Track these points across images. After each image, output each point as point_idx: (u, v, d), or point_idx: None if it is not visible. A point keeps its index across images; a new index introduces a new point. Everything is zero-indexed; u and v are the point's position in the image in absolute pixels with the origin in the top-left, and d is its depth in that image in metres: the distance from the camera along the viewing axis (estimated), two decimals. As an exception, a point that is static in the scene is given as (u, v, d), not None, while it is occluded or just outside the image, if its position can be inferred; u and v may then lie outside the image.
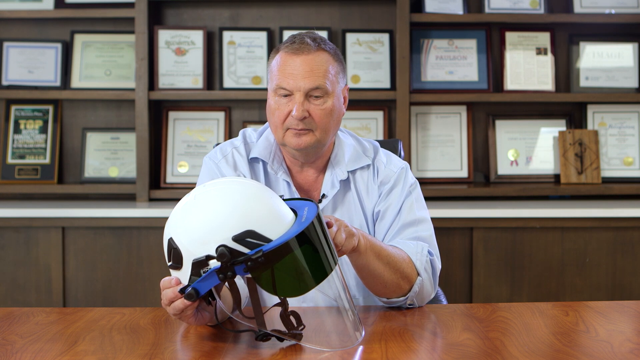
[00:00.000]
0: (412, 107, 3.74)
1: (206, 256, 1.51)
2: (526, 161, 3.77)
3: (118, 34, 3.79)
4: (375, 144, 2.15)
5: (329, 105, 1.97)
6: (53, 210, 3.39)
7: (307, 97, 1.95)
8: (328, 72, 1.97)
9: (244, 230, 1.50)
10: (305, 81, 1.94)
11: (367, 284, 1.92)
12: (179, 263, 1.56)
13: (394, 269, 1.88)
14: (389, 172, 2.09)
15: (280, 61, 1.98)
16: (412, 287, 1.91)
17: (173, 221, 1.59)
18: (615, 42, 3.79)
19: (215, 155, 2.09)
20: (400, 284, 1.90)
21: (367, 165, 2.09)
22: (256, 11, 3.80)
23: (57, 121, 3.76)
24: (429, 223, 2.06)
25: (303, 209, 1.60)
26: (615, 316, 1.83)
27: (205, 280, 1.52)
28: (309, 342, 1.60)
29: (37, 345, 1.63)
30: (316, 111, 1.96)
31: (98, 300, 3.38)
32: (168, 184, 3.71)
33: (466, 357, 1.54)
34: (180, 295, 1.58)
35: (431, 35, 3.77)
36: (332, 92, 1.98)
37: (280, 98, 1.97)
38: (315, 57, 1.96)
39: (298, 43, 1.97)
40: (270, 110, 2.00)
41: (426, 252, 1.97)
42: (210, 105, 3.79)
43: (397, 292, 1.91)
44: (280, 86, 1.96)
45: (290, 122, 1.96)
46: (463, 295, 3.37)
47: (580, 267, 3.36)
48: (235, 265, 1.49)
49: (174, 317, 1.65)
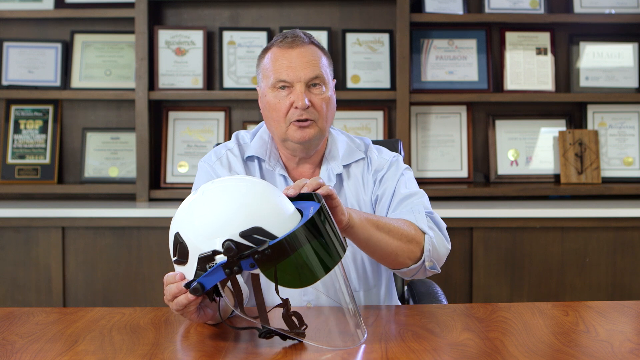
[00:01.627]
0: (412, 107, 3.74)
1: (213, 251, 1.52)
2: (526, 161, 3.77)
3: (118, 34, 3.79)
4: (366, 140, 2.18)
5: (328, 95, 2.02)
6: (53, 210, 3.39)
7: (307, 87, 1.98)
8: (322, 64, 2.01)
9: (251, 227, 1.50)
10: (305, 71, 1.97)
11: (379, 259, 1.91)
12: (185, 258, 1.57)
13: (398, 235, 1.87)
14: (381, 160, 2.12)
15: (274, 56, 2.00)
16: (423, 248, 1.91)
17: (180, 216, 1.60)
18: (615, 42, 3.79)
19: (210, 158, 2.11)
20: (410, 248, 1.89)
21: (362, 158, 2.12)
22: (256, 11, 3.80)
23: (57, 121, 3.76)
24: (423, 193, 2.07)
25: (309, 208, 1.60)
26: (615, 316, 1.83)
27: (211, 274, 1.53)
28: (313, 340, 1.60)
29: (37, 345, 1.63)
30: (317, 100, 1.99)
31: (98, 300, 3.38)
32: (168, 184, 3.72)
33: (466, 357, 1.54)
34: (184, 291, 1.59)
35: (431, 35, 3.77)
36: (328, 82, 2.03)
37: (279, 92, 1.99)
38: (309, 49, 2.01)
39: (291, 37, 2.01)
40: (269, 106, 2.00)
41: (423, 212, 1.97)
42: (210, 105, 3.79)
43: (411, 257, 1.90)
44: (279, 79, 1.98)
45: (293, 114, 1.97)
46: (463, 295, 3.37)
47: (580, 267, 3.36)
48: (242, 260, 1.49)
49: (177, 312, 1.65)
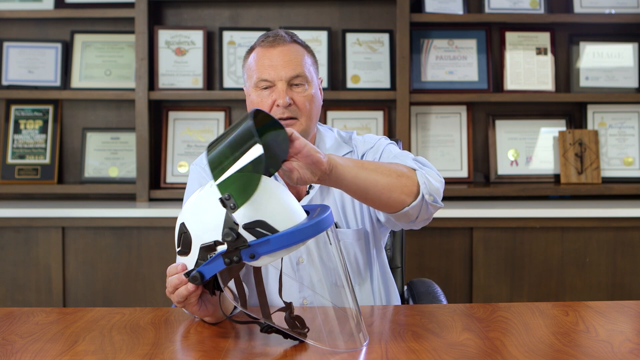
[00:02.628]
0: (412, 107, 3.74)
1: (214, 241, 1.53)
2: (526, 161, 3.77)
3: (118, 34, 3.79)
4: (352, 133, 2.18)
5: (311, 93, 2.03)
6: (53, 210, 3.39)
7: (289, 85, 2.00)
8: (305, 62, 2.03)
9: (254, 220, 1.51)
10: (286, 70, 2.00)
11: (373, 202, 1.85)
12: (188, 248, 1.57)
13: (386, 172, 1.82)
14: (366, 143, 2.13)
15: (257, 56, 2.03)
16: (418, 183, 1.86)
17: (188, 207, 1.61)
18: (615, 42, 3.79)
19: (201, 161, 2.14)
20: (403, 182, 1.84)
21: (350, 151, 2.12)
22: (256, 11, 3.80)
23: (57, 121, 3.76)
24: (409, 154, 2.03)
25: (315, 210, 1.61)
26: (615, 316, 1.83)
27: (210, 263, 1.53)
28: (312, 341, 1.59)
29: (37, 345, 1.63)
30: (299, 98, 2.01)
31: (98, 300, 3.38)
32: (168, 184, 3.72)
33: (466, 357, 1.54)
34: (185, 281, 1.59)
35: (431, 35, 3.77)
36: (311, 81, 2.04)
37: (261, 91, 2.02)
38: (291, 48, 2.03)
39: (272, 37, 2.03)
40: (253, 105, 2.03)
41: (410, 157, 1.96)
42: (210, 105, 3.79)
43: (406, 192, 1.84)
44: (261, 78, 2.01)
45: (275, 112, 2.00)
46: (463, 295, 3.37)
47: (580, 267, 3.36)
48: (242, 250, 1.49)
49: (178, 305, 1.65)
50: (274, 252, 1.51)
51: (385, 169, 1.83)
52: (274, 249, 1.51)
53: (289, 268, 2.04)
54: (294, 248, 1.54)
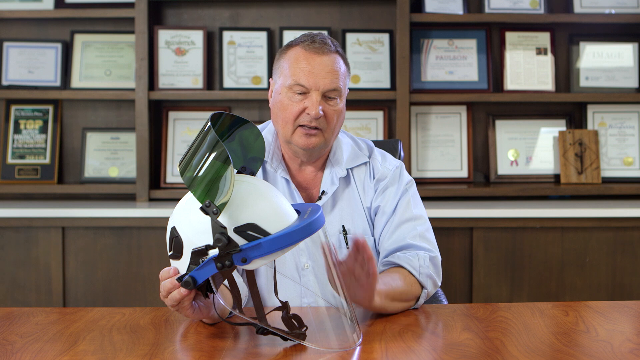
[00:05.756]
0: (412, 107, 3.74)
1: (206, 245, 1.52)
2: (526, 161, 3.77)
3: (118, 34, 3.79)
4: (370, 144, 2.17)
5: (341, 107, 2.01)
6: (53, 210, 3.39)
7: (323, 96, 1.97)
8: (342, 75, 1.99)
9: (245, 223, 1.50)
10: (325, 81, 1.96)
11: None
12: (180, 252, 1.57)
13: (405, 299, 1.91)
14: (384, 170, 2.10)
15: (297, 57, 1.97)
16: (418, 301, 1.95)
17: (178, 211, 1.60)
18: (615, 42, 3.79)
19: None
20: (410, 304, 1.94)
21: (365, 162, 2.10)
22: (256, 11, 3.80)
23: (57, 121, 3.76)
24: (425, 219, 2.07)
25: (306, 210, 1.61)
26: (615, 316, 1.83)
27: (202, 268, 1.53)
28: (310, 342, 1.59)
29: (37, 345, 1.63)
30: (330, 112, 1.98)
31: (98, 300, 3.38)
32: (168, 184, 3.72)
33: (466, 357, 1.54)
34: (177, 286, 1.59)
35: (431, 35, 3.77)
36: (343, 95, 2.02)
37: (294, 95, 1.97)
38: (334, 59, 1.98)
39: (319, 43, 1.97)
40: (281, 105, 1.99)
41: (427, 262, 1.98)
42: (210, 105, 3.79)
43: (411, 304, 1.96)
44: (298, 83, 1.96)
45: (303, 119, 1.96)
46: (463, 295, 3.37)
47: (580, 267, 3.36)
48: (233, 254, 1.49)
49: (172, 309, 1.65)
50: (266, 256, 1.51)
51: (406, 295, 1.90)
52: (265, 252, 1.50)
53: (294, 273, 2.03)
54: (286, 250, 1.54)
